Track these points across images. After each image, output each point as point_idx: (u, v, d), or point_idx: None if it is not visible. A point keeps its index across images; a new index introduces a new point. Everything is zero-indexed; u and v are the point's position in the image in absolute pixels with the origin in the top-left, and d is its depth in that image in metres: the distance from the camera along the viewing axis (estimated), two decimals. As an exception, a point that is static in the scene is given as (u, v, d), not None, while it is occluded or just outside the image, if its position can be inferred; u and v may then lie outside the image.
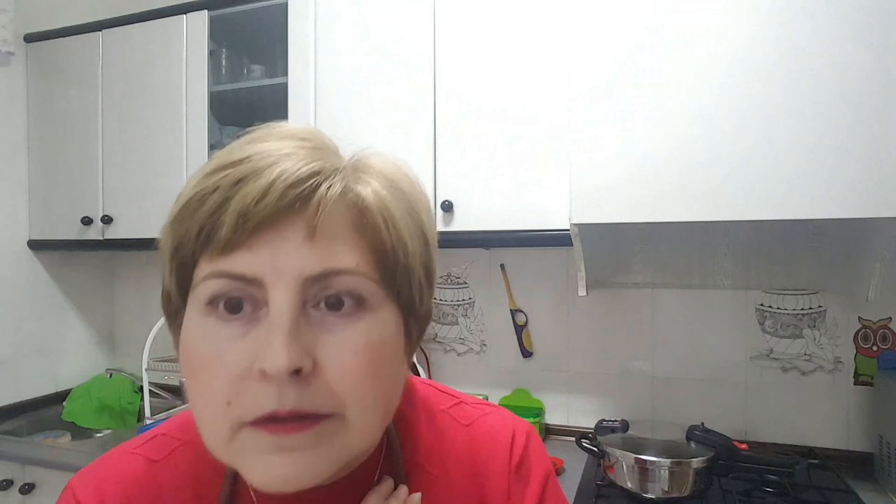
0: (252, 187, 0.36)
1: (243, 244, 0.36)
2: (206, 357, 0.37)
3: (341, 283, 0.38)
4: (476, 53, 1.42)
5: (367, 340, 0.38)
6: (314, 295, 0.37)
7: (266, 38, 1.75)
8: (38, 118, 1.97)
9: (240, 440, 0.36)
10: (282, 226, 0.36)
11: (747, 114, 1.10)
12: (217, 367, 0.36)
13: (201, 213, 0.37)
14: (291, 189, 0.36)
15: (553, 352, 1.70)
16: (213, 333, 0.37)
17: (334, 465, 0.38)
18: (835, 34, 1.06)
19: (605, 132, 1.19)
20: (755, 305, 1.52)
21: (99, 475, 0.48)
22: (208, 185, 0.37)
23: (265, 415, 0.35)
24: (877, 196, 1.03)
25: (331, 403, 0.37)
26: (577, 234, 1.26)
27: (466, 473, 0.49)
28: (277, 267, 0.36)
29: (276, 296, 0.36)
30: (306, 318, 0.37)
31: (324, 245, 0.37)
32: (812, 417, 1.47)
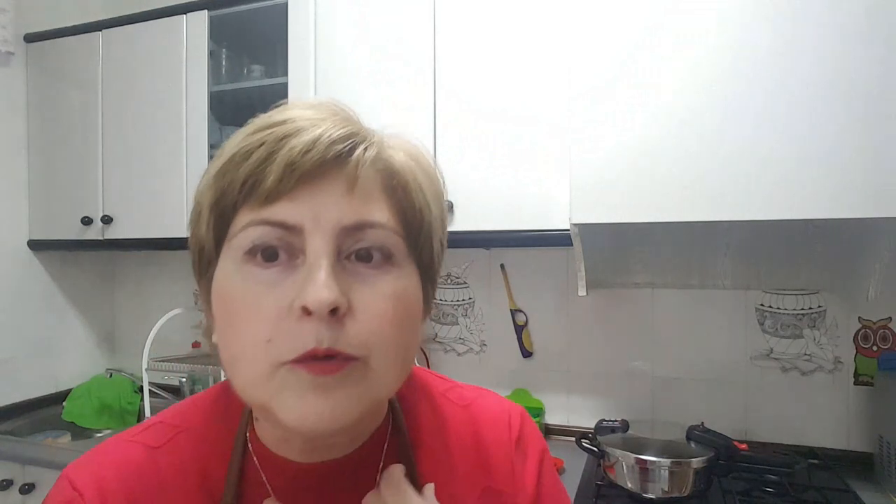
0: (298, 141, 0.39)
1: (286, 194, 0.39)
2: (246, 300, 0.39)
3: (373, 237, 0.41)
4: (476, 53, 1.42)
5: (393, 290, 0.41)
6: (348, 246, 0.40)
7: (266, 38, 1.75)
8: (38, 118, 1.97)
9: (278, 378, 0.38)
10: (323, 179, 0.39)
11: (747, 114, 1.10)
12: (257, 310, 0.38)
13: (247, 165, 0.39)
14: (334, 145, 0.39)
15: (553, 352, 1.70)
16: (252, 278, 0.39)
17: (360, 408, 0.40)
18: (835, 34, 1.06)
19: (605, 132, 1.19)
20: (755, 305, 1.52)
21: (96, 463, 0.47)
22: (253, 141, 0.40)
23: (305, 353, 0.37)
24: (877, 196, 1.04)
25: (359, 347, 0.39)
26: (577, 234, 1.26)
27: (468, 449, 0.52)
28: (317, 216, 0.39)
29: (315, 242, 0.39)
30: (341, 267, 0.40)
31: (359, 200, 0.40)
32: (812, 417, 1.47)
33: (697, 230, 1.52)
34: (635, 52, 1.17)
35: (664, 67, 1.15)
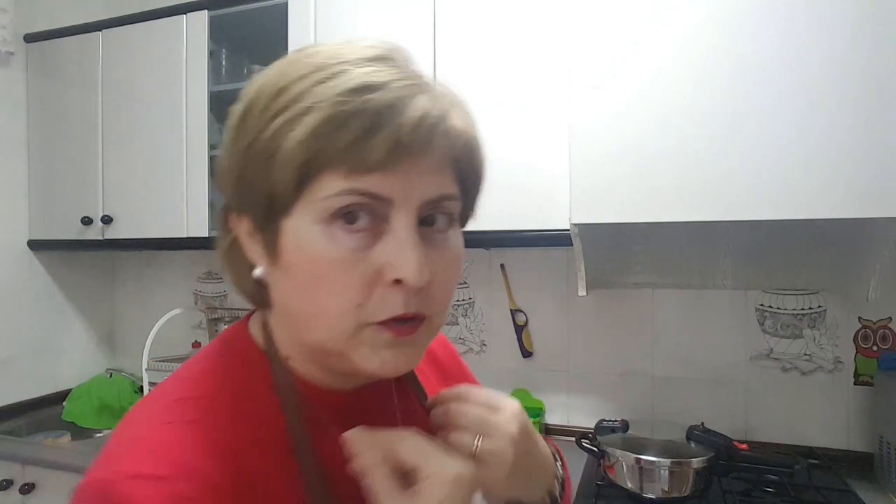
0: (406, 119, 0.39)
1: (383, 168, 0.39)
2: (334, 262, 0.40)
3: (445, 207, 0.43)
4: (476, 53, 1.42)
5: (456, 252, 0.45)
6: (424, 214, 0.42)
7: (266, 38, 1.75)
8: (38, 118, 1.97)
9: (362, 336, 0.41)
10: (418, 156, 0.40)
11: (747, 114, 1.10)
12: (346, 273, 0.40)
13: (346, 133, 0.38)
14: (435, 126, 0.40)
15: (553, 352, 1.70)
16: (339, 242, 0.40)
17: (418, 359, 0.45)
18: (835, 34, 1.06)
19: (605, 132, 1.19)
20: (755, 305, 1.52)
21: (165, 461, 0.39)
22: (349, 108, 0.38)
23: (394, 317, 0.41)
24: (877, 196, 1.04)
25: (432, 308, 0.43)
26: (577, 234, 1.26)
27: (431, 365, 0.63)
28: (408, 191, 0.40)
29: (402, 216, 0.40)
30: (418, 233, 0.42)
31: (440, 174, 0.43)
32: (812, 417, 1.47)
33: (697, 230, 1.52)
34: (635, 51, 1.17)
35: (663, 67, 1.15)
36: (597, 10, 1.20)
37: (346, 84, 0.39)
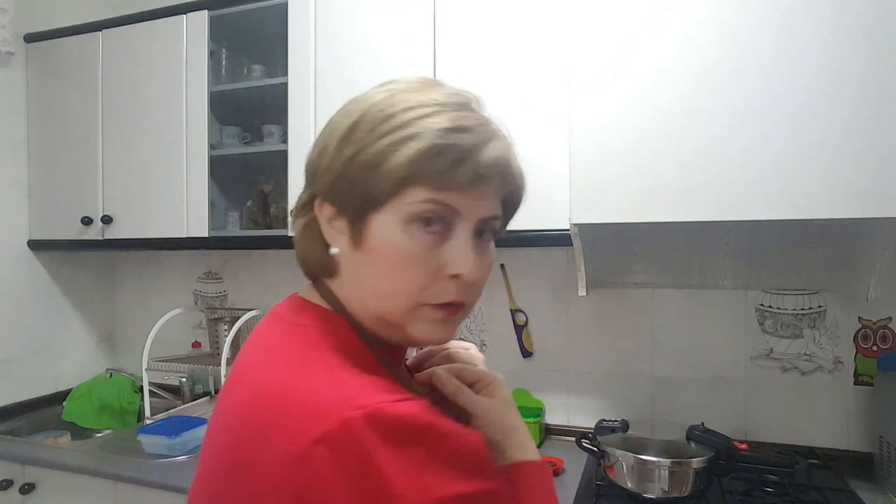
0: (486, 156, 0.52)
1: (463, 190, 0.51)
2: (411, 255, 0.52)
3: (492, 224, 0.56)
4: (476, 53, 1.42)
5: (491, 260, 0.59)
6: (477, 228, 0.55)
7: (266, 38, 1.75)
8: (38, 118, 1.97)
9: (419, 312, 0.53)
10: (487, 185, 0.53)
11: (747, 114, 1.10)
12: (418, 264, 0.52)
13: (441, 161, 0.50)
14: (505, 167, 0.55)
15: (553, 352, 1.70)
16: (418, 240, 0.52)
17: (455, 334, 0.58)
18: (835, 33, 1.06)
19: (605, 132, 1.19)
20: (755, 305, 1.52)
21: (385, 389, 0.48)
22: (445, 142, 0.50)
23: (447, 302, 0.53)
24: (877, 196, 1.04)
25: (471, 298, 0.56)
26: (577, 234, 1.26)
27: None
28: (475, 209, 0.53)
29: (465, 227, 0.53)
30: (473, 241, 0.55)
31: (496, 199, 0.56)
32: (812, 417, 1.47)
33: (697, 230, 1.52)
34: (635, 51, 1.17)
35: (665, 68, 1.15)
36: (597, 10, 1.20)
37: (443, 124, 0.51)
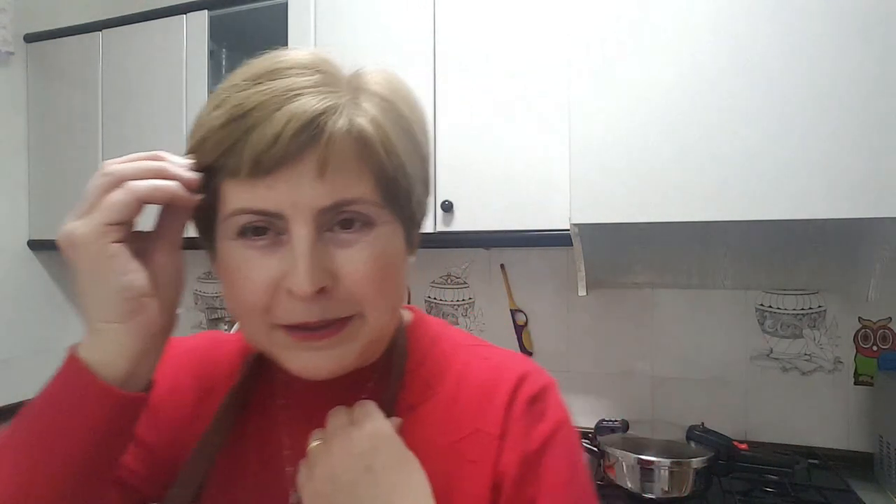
0: (261, 135, 0.41)
1: (261, 182, 0.41)
2: (241, 272, 0.43)
3: (352, 210, 0.43)
4: (476, 54, 1.42)
5: (374, 251, 0.44)
6: (328, 221, 0.43)
7: (266, 38, 1.74)
8: (38, 118, 1.97)
9: (275, 336, 0.44)
10: (295, 164, 0.41)
11: (747, 114, 1.10)
12: (251, 282, 0.43)
13: (218, 149, 0.42)
14: (299, 134, 0.41)
15: (553, 352, 1.70)
16: (245, 254, 0.43)
17: (356, 356, 0.46)
18: (835, 34, 1.06)
19: (605, 132, 1.19)
20: (755, 305, 1.52)
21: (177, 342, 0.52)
22: (224, 139, 0.42)
23: (296, 324, 0.43)
24: (877, 196, 1.04)
25: (351, 307, 0.44)
26: (577, 234, 1.26)
27: (474, 397, 0.51)
28: (295, 203, 0.42)
29: (296, 227, 0.42)
30: (323, 240, 0.43)
31: (334, 178, 0.42)
32: (812, 417, 1.47)
33: (697, 230, 1.53)
34: (635, 52, 1.17)
35: (665, 68, 1.15)
36: (597, 11, 1.20)
37: (221, 118, 0.42)
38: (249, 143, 0.41)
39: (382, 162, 0.44)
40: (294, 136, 0.40)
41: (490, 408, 0.50)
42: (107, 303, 0.41)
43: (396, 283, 0.47)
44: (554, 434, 0.49)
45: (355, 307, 0.44)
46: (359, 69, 0.48)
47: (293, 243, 0.42)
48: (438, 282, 1.82)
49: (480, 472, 0.48)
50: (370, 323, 0.45)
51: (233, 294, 0.45)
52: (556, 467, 0.49)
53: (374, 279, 0.44)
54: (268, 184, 0.41)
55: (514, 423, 0.49)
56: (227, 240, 0.44)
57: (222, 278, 0.46)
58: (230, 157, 0.42)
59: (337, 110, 0.42)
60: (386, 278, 0.45)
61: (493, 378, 0.52)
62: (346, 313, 0.44)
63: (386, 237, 0.45)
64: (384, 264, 0.45)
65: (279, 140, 0.40)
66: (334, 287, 0.43)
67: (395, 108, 0.46)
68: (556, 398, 0.52)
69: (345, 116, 0.43)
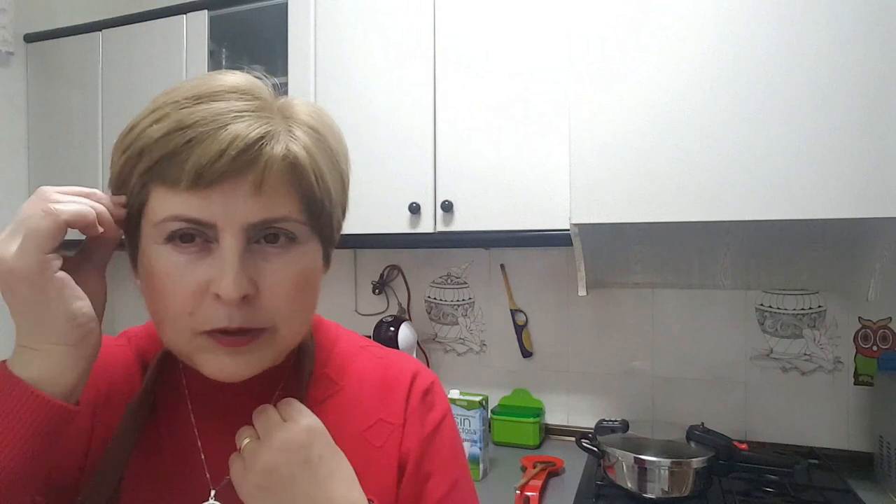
0: (205, 149, 0.43)
1: (198, 193, 0.44)
2: (169, 277, 0.45)
3: (279, 227, 0.47)
4: (476, 54, 1.42)
5: (296, 270, 0.48)
6: (256, 234, 0.47)
7: (266, 38, 1.75)
8: (38, 118, 1.97)
9: (198, 342, 0.46)
10: (232, 181, 0.45)
11: (747, 114, 1.10)
12: (178, 286, 0.45)
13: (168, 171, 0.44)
14: (242, 154, 0.44)
15: (553, 352, 1.70)
16: (173, 260, 0.45)
17: (267, 364, 0.49)
18: (836, 34, 1.06)
19: (605, 132, 1.19)
20: (755, 305, 1.52)
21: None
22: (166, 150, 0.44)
23: (218, 329, 0.45)
24: (877, 196, 1.04)
25: (267, 319, 0.47)
26: (576, 234, 1.26)
27: (374, 391, 0.58)
28: (228, 215, 0.45)
29: (227, 238, 0.45)
30: (250, 252, 0.46)
31: (267, 197, 0.46)
32: (812, 417, 1.47)
33: (697, 230, 1.53)
34: (636, 52, 1.17)
35: (665, 68, 1.15)
36: (597, 11, 1.20)
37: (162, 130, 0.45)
38: (193, 156, 0.43)
39: (311, 186, 0.48)
40: (238, 154, 0.44)
41: (390, 401, 0.58)
42: (54, 327, 0.43)
43: (312, 297, 0.51)
44: (442, 420, 0.59)
45: (271, 320, 0.47)
46: (286, 98, 0.52)
47: (223, 253, 0.45)
48: (438, 282, 1.82)
49: (387, 455, 0.55)
50: (283, 335, 0.48)
51: (158, 298, 0.46)
52: (445, 447, 0.58)
53: (292, 294, 0.48)
54: (204, 195, 0.44)
55: (411, 413, 0.58)
56: (155, 244, 0.46)
57: (146, 282, 0.48)
58: (169, 168, 0.44)
59: (275, 137, 0.46)
60: (303, 293, 0.49)
61: (390, 375, 0.59)
62: (262, 324, 0.47)
63: (307, 255, 0.49)
64: (303, 280, 0.49)
65: (223, 156, 0.43)
66: (255, 297, 0.46)
67: (324, 140, 0.51)
68: (442, 391, 0.62)
69: (282, 143, 0.46)
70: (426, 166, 1.45)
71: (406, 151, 1.46)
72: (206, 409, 0.54)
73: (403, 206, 1.44)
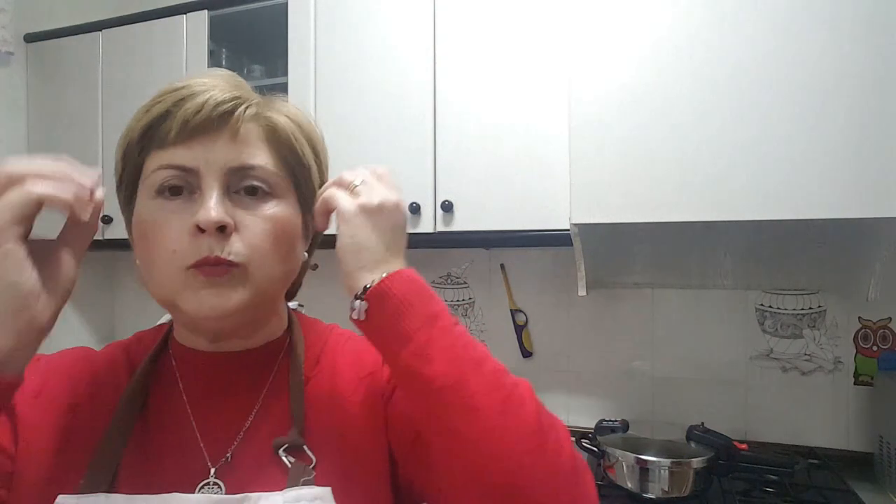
0: (192, 103, 0.50)
1: (183, 144, 0.51)
2: (157, 223, 0.51)
3: (255, 175, 0.52)
4: (476, 54, 1.42)
5: (272, 214, 0.53)
6: (236, 183, 0.52)
7: (266, 38, 1.75)
8: (38, 118, 1.97)
9: (181, 279, 0.50)
10: (212, 132, 0.51)
11: (747, 114, 1.10)
12: (166, 230, 0.50)
13: (147, 117, 0.52)
14: (220, 106, 0.51)
15: (553, 352, 1.70)
16: (161, 207, 0.51)
17: (244, 300, 0.51)
18: (835, 34, 1.06)
19: (605, 132, 1.19)
20: (755, 305, 1.52)
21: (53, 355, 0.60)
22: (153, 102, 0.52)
23: (199, 260, 0.49)
24: (877, 196, 1.04)
25: (241, 255, 0.50)
26: (576, 234, 1.27)
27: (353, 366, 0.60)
28: (209, 160, 0.51)
29: (208, 180, 0.50)
30: (230, 198, 0.51)
31: (244, 148, 0.52)
32: (812, 417, 1.47)
33: (697, 230, 1.52)
34: (636, 51, 1.17)
35: (665, 68, 1.16)
36: (597, 10, 1.20)
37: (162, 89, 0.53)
38: (181, 112, 0.50)
39: (288, 143, 0.55)
40: (216, 106, 0.50)
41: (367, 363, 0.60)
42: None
43: (285, 248, 0.54)
44: None
45: (244, 257, 0.50)
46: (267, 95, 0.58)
47: (203, 192, 0.50)
48: (438, 282, 1.82)
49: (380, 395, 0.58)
50: (255, 275, 0.51)
51: (146, 245, 0.51)
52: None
53: (267, 237, 0.52)
54: (188, 146, 0.51)
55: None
56: (147, 199, 0.52)
57: (139, 234, 0.52)
58: (159, 127, 0.51)
59: (251, 101, 0.53)
60: (277, 241, 0.53)
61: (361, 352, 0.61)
62: (237, 259, 0.50)
63: (284, 206, 0.54)
64: (278, 230, 0.53)
65: (204, 107, 0.50)
66: (234, 235, 0.50)
67: (301, 123, 0.57)
68: None
69: (256, 106, 0.54)
70: (426, 166, 1.45)
71: (406, 151, 1.46)
72: (197, 390, 0.57)
73: (403, 206, 1.44)
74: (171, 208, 0.51)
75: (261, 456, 0.53)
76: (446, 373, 0.46)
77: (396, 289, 0.50)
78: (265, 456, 0.53)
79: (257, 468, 0.52)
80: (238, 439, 0.54)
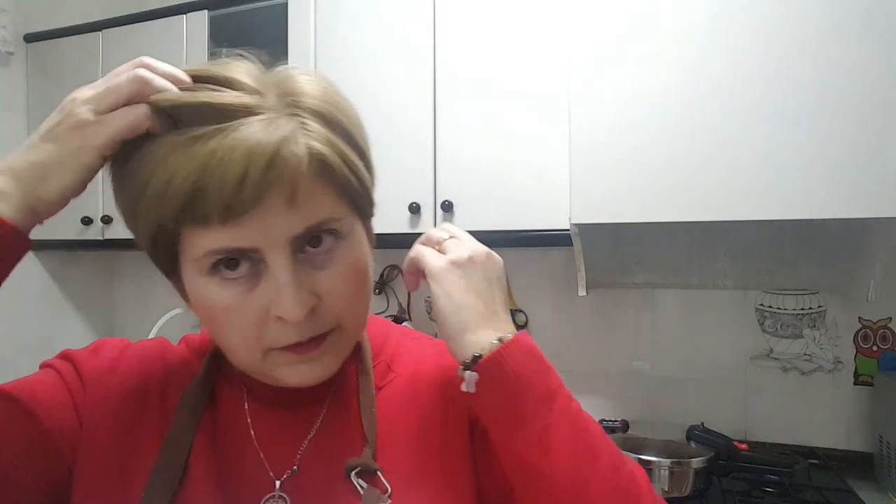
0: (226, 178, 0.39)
1: (232, 225, 0.41)
2: (227, 310, 0.44)
3: (321, 229, 0.44)
4: (476, 54, 1.42)
5: (347, 264, 0.46)
6: (300, 244, 0.44)
7: (266, 38, 1.75)
8: (38, 118, 1.97)
9: (270, 358, 0.46)
10: (265, 201, 0.41)
11: (747, 114, 1.10)
12: (238, 317, 0.44)
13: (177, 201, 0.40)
14: (265, 173, 0.40)
15: (553, 352, 1.68)
16: (224, 287, 0.44)
17: (342, 359, 0.49)
18: (836, 34, 1.06)
19: (605, 132, 1.19)
20: (755, 305, 1.52)
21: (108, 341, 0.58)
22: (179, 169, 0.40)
23: (292, 344, 0.45)
24: (877, 196, 1.04)
25: (333, 321, 0.46)
26: (577, 234, 1.27)
27: (434, 376, 0.56)
28: (268, 236, 0.42)
29: (274, 258, 0.43)
30: (299, 262, 0.44)
31: (303, 205, 0.42)
32: (812, 417, 1.47)
33: (697, 230, 1.52)
34: (635, 51, 1.17)
35: (665, 68, 1.15)
36: (596, 10, 1.20)
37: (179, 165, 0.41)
38: (213, 191, 0.39)
39: (342, 176, 0.45)
40: (261, 175, 0.39)
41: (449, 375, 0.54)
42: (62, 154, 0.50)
43: (369, 287, 0.50)
44: None
45: (336, 321, 0.46)
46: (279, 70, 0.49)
47: (274, 273, 0.43)
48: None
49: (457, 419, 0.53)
50: (349, 332, 0.48)
51: (220, 330, 0.46)
52: None
53: (352, 293, 0.47)
54: (238, 224, 0.41)
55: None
56: (201, 276, 0.44)
57: (202, 314, 0.47)
58: (193, 205, 0.40)
59: (292, 138, 0.41)
60: (361, 287, 0.48)
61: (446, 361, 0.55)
62: (329, 327, 0.46)
63: (354, 246, 0.47)
64: (359, 273, 0.47)
65: (246, 182, 0.39)
66: (318, 307, 0.45)
67: (337, 120, 0.46)
68: None
69: (300, 143, 0.42)
70: (426, 166, 1.45)
71: (406, 151, 1.46)
72: (261, 400, 0.53)
73: (403, 206, 1.44)
74: (238, 292, 0.43)
75: (329, 473, 0.49)
76: (564, 469, 0.44)
77: (513, 362, 0.45)
78: (334, 474, 0.49)
79: (326, 487, 0.49)
80: (300, 451, 0.51)
